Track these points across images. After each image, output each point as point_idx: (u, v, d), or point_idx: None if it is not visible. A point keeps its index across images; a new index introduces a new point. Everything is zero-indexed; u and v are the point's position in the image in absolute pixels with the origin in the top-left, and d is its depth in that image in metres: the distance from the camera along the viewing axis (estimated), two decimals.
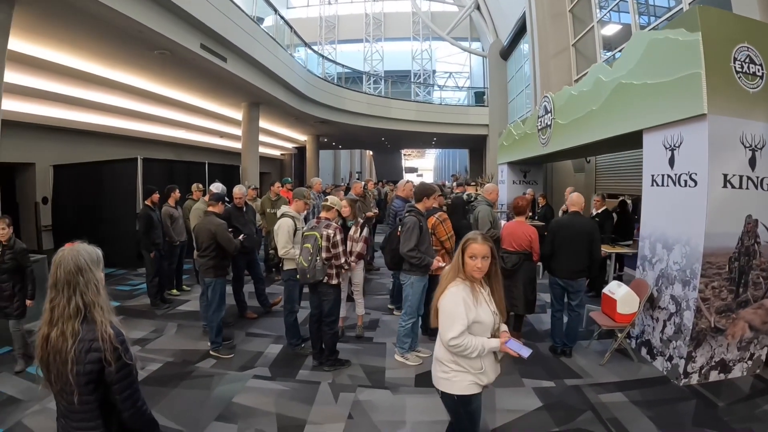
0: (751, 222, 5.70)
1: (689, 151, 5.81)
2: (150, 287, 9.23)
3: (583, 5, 15.03)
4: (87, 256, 2.50)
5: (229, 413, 5.24)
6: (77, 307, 2.39)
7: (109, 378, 2.37)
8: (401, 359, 6.64)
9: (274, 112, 21.57)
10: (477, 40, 36.42)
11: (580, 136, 9.03)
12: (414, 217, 6.34)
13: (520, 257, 6.89)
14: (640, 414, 5.19)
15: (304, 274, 6.12)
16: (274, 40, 17.35)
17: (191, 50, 11.79)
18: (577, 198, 6.98)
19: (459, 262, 3.49)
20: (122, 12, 9.02)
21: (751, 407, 5.32)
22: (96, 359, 2.34)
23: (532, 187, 15.15)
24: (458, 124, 30.26)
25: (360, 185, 12.47)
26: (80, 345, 2.34)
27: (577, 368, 6.42)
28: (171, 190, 9.84)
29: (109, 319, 2.44)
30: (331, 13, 43.76)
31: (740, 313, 5.87)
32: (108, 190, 13.30)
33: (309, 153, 31.53)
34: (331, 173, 47.22)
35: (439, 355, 3.56)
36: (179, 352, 7.01)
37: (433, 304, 3.52)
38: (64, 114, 14.68)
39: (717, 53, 5.51)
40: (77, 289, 2.40)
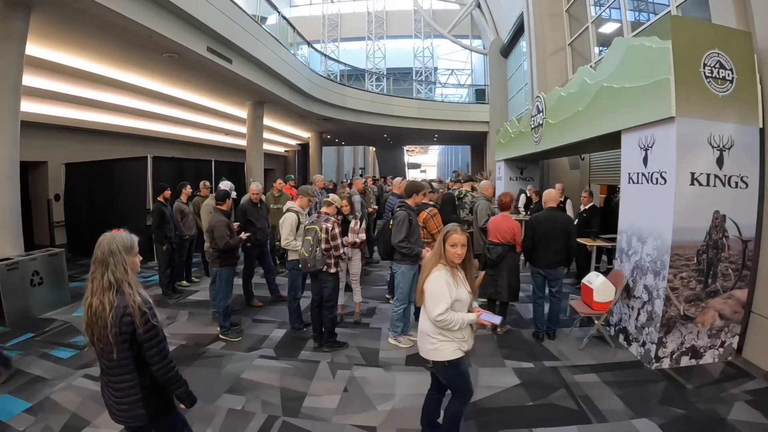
0: (719, 217, 6.09)
1: (660, 151, 6.21)
2: (162, 278, 9.72)
3: (580, 5, 15.24)
4: (120, 241, 3.09)
5: (238, 387, 5.81)
6: (109, 281, 2.98)
7: (140, 338, 2.95)
8: (394, 342, 7.17)
9: (279, 111, 21.85)
10: (478, 38, 36.48)
11: (568, 135, 9.37)
12: (404, 211, 6.92)
13: (504, 248, 7.38)
14: (610, 393, 5.61)
15: (305, 264, 6.63)
16: (278, 41, 17.65)
17: (198, 53, 12.17)
18: (554, 194, 7.50)
19: (441, 249, 4.08)
20: (133, 18, 9.43)
21: (718, 390, 5.67)
22: (129, 322, 2.94)
23: (528, 183, 15.48)
24: (459, 121, 30.46)
25: (361, 181, 12.93)
26: (116, 311, 2.92)
27: (556, 352, 6.87)
28: (182, 186, 10.30)
29: (137, 291, 3.01)
30: (333, 11, 43.77)
31: (710, 302, 6.26)
32: (118, 187, 13.57)
33: (312, 150, 31.72)
34: (335, 169, 47.32)
35: (426, 330, 4.13)
36: (191, 336, 7.54)
37: (417, 287, 4.09)
38: (76, 114, 14.99)
39: (687, 59, 5.88)
40: (109, 268, 3.00)
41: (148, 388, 3.11)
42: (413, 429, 4.94)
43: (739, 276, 6.36)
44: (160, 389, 3.21)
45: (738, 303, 6.41)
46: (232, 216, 8.62)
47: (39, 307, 8.58)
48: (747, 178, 6.19)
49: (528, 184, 15.39)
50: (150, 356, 3.03)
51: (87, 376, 5.98)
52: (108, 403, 3.16)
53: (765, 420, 5.00)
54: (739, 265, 6.33)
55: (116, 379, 3.06)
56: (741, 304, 6.42)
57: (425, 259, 4.34)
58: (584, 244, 9.46)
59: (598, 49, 14.23)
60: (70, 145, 15.45)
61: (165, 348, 3.11)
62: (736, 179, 6.14)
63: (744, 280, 6.40)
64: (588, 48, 14.70)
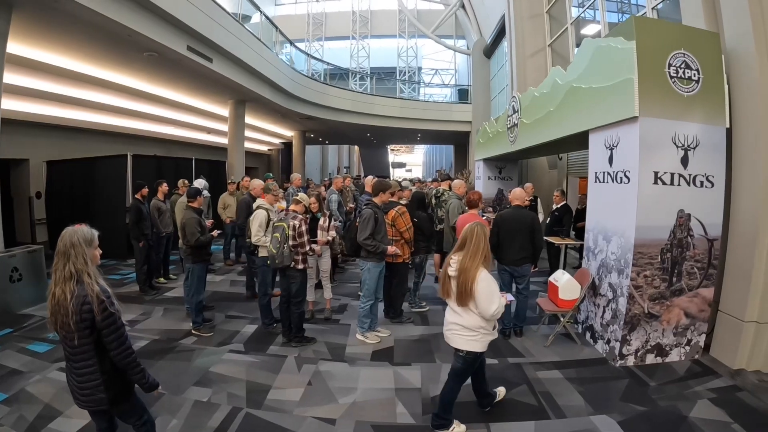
0: (684, 216, 6.14)
1: (624, 150, 6.27)
2: (139, 274, 9.77)
3: (560, 7, 15.30)
4: (81, 235, 3.27)
5: (205, 380, 5.91)
6: (70, 272, 3.16)
7: (98, 325, 3.11)
8: (361, 338, 7.26)
9: (261, 109, 21.85)
10: (462, 38, 36.68)
11: (540, 135, 9.41)
12: (370, 209, 7.00)
13: None
14: (572, 389, 5.67)
15: (273, 260, 6.70)
16: (260, 41, 17.63)
17: (178, 52, 12.16)
18: (519, 193, 7.58)
19: (484, 251, 4.50)
20: (113, 18, 9.43)
21: (682, 388, 5.73)
22: (88, 310, 3.12)
23: (506, 182, 15.55)
24: (442, 120, 30.58)
25: (340, 180, 12.97)
26: (77, 300, 3.10)
27: (522, 348, 6.94)
28: (159, 184, 10.37)
29: (96, 281, 3.18)
30: (318, 10, 43.80)
31: (675, 300, 6.32)
32: (99, 185, 13.61)
33: (295, 149, 31.67)
34: (319, 168, 47.34)
35: (468, 324, 4.51)
36: (164, 331, 7.64)
37: (464, 289, 4.40)
38: (57, 112, 14.94)
39: (651, 60, 5.94)
40: (70, 259, 3.17)
41: (108, 373, 3.27)
42: (372, 422, 5.03)
43: (705, 275, 6.41)
44: (120, 374, 3.37)
45: (704, 301, 6.46)
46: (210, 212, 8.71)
47: (18, 303, 8.64)
48: (713, 177, 6.25)
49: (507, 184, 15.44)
50: (108, 342, 3.21)
51: (62, 369, 5.98)
52: (72, 388, 3.33)
53: (727, 418, 5.03)
54: (705, 263, 6.38)
55: (78, 365, 3.23)
56: (707, 302, 6.47)
57: (464, 263, 4.45)
58: (554, 242, 9.53)
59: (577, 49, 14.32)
60: (51, 142, 15.41)
61: (123, 334, 3.29)
62: (701, 179, 6.20)
63: (710, 279, 6.45)
64: (567, 49, 14.77)
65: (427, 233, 8.51)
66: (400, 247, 7.56)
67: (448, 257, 4.70)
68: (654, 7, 9.46)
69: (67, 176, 14.41)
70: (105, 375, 3.25)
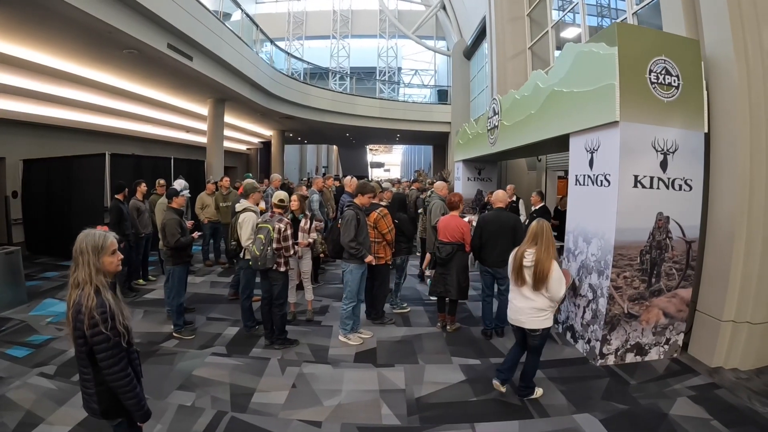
0: (662, 219, 6.27)
1: (605, 154, 6.38)
2: (119, 276, 9.48)
3: (541, 10, 15.40)
4: (91, 241, 3.09)
5: (188, 384, 5.83)
6: (76, 280, 3.03)
7: (88, 341, 2.96)
8: (344, 339, 7.27)
9: (240, 108, 21.78)
10: (442, 39, 36.79)
11: (521, 137, 9.50)
12: (352, 210, 7.04)
13: (453, 247, 7.52)
14: (554, 388, 5.77)
15: (255, 261, 6.68)
16: (240, 39, 17.58)
17: (158, 50, 12.08)
18: (502, 195, 7.67)
19: (552, 244, 5.23)
20: (92, 14, 9.32)
21: (662, 386, 5.85)
22: (81, 320, 2.94)
23: (486, 183, 15.65)
24: (422, 121, 30.68)
25: (321, 180, 12.99)
26: (74, 308, 2.97)
27: (503, 349, 7.01)
28: (138, 184, 10.25)
29: (95, 294, 3.01)
30: (299, 9, 43.71)
31: (654, 301, 6.46)
32: (77, 184, 13.39)
33: (274, 148, 31.64)
34: (297, 168, 47.22)
35: (541, 306, 5.23)
36: (145, 334, 7.48)
37: (542, 276, 5.13)
38: (35, 109, 14.67)
39: (633, 66, 6.04)
40: (78, 267, 3.04)
41: (102, 385, 3.09)
42: (357, 423, 5.05)
43: (683, 275, 6.55)
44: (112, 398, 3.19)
45: (682, 302, 6.61)
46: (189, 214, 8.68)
47: None
48: (691, 181, 6.39)
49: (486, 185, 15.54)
50: (99, 360, 3.00)
51: (42, 375, 5.95)
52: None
53: (707, 415, 5.15)
54: (683, 265, 6.52)
55: (79, 370, 3.14)
56: (685, 302, 6.62)
57: (537, 253, 5.18)
58: None
59: (558, 53, 14.42)
60: (28, 141, 15.12)
61: (116, 355, 3.02)
62: (680, 182, 6.33)
63: (688, 280, 6.59)
64: (547, 52, 14.90)
65: (408, 234, 8.58)
66: (381, 249, 7.65)
67: (521, 251, 5.33)
68: (634, 12, 9.59)
69: (44, 175, 14.19)
70: (99, 387, 3.08)
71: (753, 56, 6.10)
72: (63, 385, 5.64)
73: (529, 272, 5.21)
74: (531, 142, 9.04)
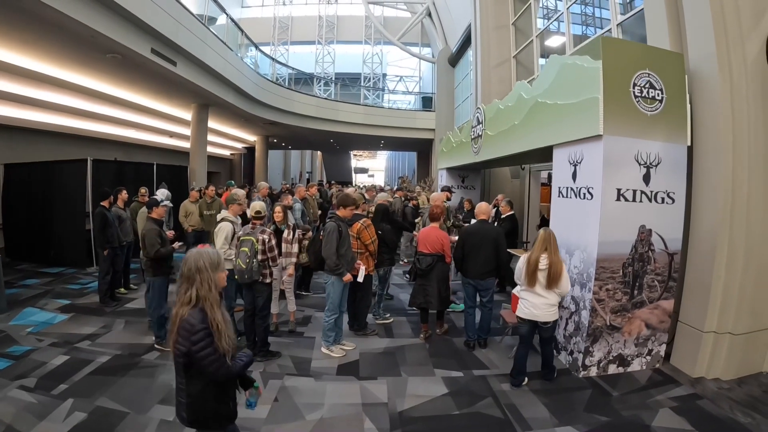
0: (645, 231, 6.32)
1: (588, 167, 6.41)
2: (101, 284, 9.46)
3: (526, 19, 15.44)
4: (207, 258, 3.24)
5: (170, 397, 5.55)
6: (190, 297, 3.16)
7: (191, 356, 3.12)
8: (326, 351, 7.22)
9: (224, 114, 21.73)
10: (427, 46, 36.93)
11: (504, 147, 9.50)
12: (334, 222, 7.02)
13: (433, 258, 7.60)
14: (537, 401, 5.77)
15: (242, 275, 6.60)
16: (225, 44, 17.55)
17: (142, 55, 12.04)
18: (485, 207, 7.75)
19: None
20: (74, 17, 9.26)
21: (644, 397, 5.87)
22: (186, 338, 3.10)
23: (469, 191, 15.67)
24: (406, 128, 30.72)
25: (303, 189, 12.93)
26: (183, 325, 3.12)
27: (486, 360, 7.03)
28: (119, 191, 10.14)
29: (217, 309, 3.20)
30: (285, 13, 43.76)
31: (636, 312, 6.49)
32: (58, 189, 13.18)
33: (258, 153, 31.58)
34: (281, 173, 47.15)
35: (554, 302, 5.94)
36: (126, 345, 7.38)
37: (557, 276, 5.81)
38: (15, 113, 14.59)
39: (617, 79, 6.07)
40: (194, 284, 3.16)
41: (193, 396, 3.26)
42: None
43: (666, 287, 6.60)
44: (210, 404, 3.34)
45: (664, 313, 6.65)
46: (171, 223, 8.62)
47: None
48: (673, 194, 6.44)
49: (469, 193, 15.59)
50: (204, 373, 3.18)
51: (22, 387, 5.81)
52: None
53: (689, 426, 5.18)
54: (665, 276, 6.57)
55: (176, 379, 3.30)
56: (668, 313, 6.66)
57: (550, 257, 5.82)
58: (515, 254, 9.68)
59: (544, 61, 14.48)
60: (9, 144, 14.95)
61: (218, 369, 3.17)
62: (662, 195, 6.38)
63: (670, 291, 6.64)
64: (532, 61, 14.92)
65: (390, 245, 8.57)
66: (364, 260, 7.62)
67: (536, 257, 5.86)
68: (619, 23, 9.64)
69: (25, 180, 13.99)
70: (190, 398, 3.26)
71: (737, 70, 6.16)
72: (44, 399, 5.54)
73: (543, 274, 5.81)
74: (515, 152, 9.06)
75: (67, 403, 5.42)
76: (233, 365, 3.25)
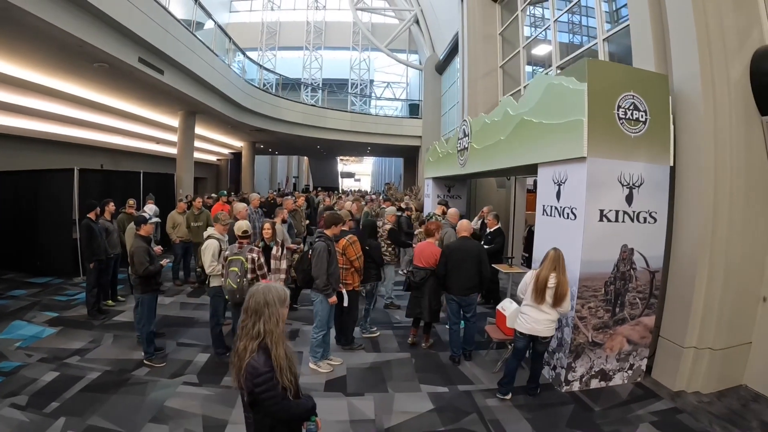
0: (627, 251, 6.45)
1: (572, 187, 6.52)
2: (89, 297, 9.40)
3: (513, 29, 15.52)
4: (276, 293, 3.19)
5: (161, 416, 5.74)
6: (258, 331, 3.10)
7: (253, 396, 3.09)
8: (314, 367, 7.26)
9: (211, 121, 21.77)
10: (415, 53, 37.02)
11: (490, 162, 9.65)
12: (323, 242, 7.08)
13: (427, 272, 7.77)
14: (520, 416, 5.86)
15: (233, 295, 6.68)
16: (212, 51, 17.59)
17: (130, 64, 12.06)
18: (466, 225, 7.81)
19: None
20: (64, 28, 9.33)
21: (625, 412, 5.99)
22: (254, 375, 3.04)
23: (455, 201, 15.69)
24: (392, 135, 30.92)
25: (291, 202, 12.91)
26: (249, 363, 3.04)
27: (471, 375, 7.10)
28: (106, 203, 10.06)
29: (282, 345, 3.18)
30: (273, 19, 43.74)
31: (618, 329, 6.62)
32: (44, 199, 13.07)
33: (245, 159, 31.62)
34: (268, 178, 47.08)
35: (553, 318, 6.07)
36: (116, 361, 7.34)
37: (563, 295, 5.95)
38: (2, 120, 14.57)
39: (602, 102, 6.19)
40: (261, 318, 3.11)
41: (266, 429, 3.24)
42: None
43: (647, 304, 6.74)
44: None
45: (646, 329, 6.80)
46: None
47: None
48: (656, 213, 6.58)
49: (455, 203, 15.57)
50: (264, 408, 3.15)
51: (14, 406, 5.78)
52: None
53: None
54: (647, 294, 6.71)
55: (245, 413, 3.26)
56: (649, 329, 6.81)
57: (557, 276, 5.95)
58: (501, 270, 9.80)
59: (531, 69, 14.61)
60: None
61: (278, 404, 3.15)
62: (644, 215, 6.52)
63: (652, 308, 6.79)
64: (519, 71, 15.05)
65: (378, 261, 8.65)
66: (350, 276, 7.68)
67: (546, 275, 5.97)
68: (605, 38, 9.76)
69: (11, 188, 13.82)
70: (264, 429, 3.23)
71: (720, 91, 6.31)
72: (36, 418, 5.53)
73: (550, 293, 5.94)
74: (500, 168, 9.20)
75: (60, 422, 5.41)
76: (296, 404, 3.25)
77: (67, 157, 16.58)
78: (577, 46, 12.06)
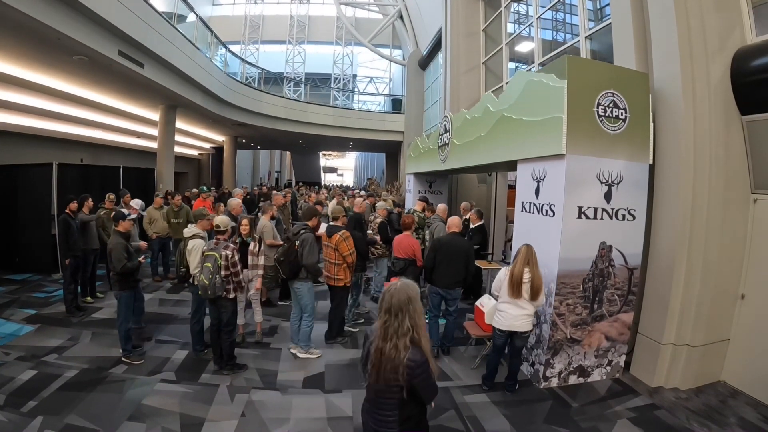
0: (605, 248, 6.47)
1: (550, 184, 6.52)
2: (66, 294, 9.28)
3: (496, 26, 15.52)
4: (414, 290, 3.31)
5: (139, 414, 5.69)
6: (408, 327, 3.19)
7: (413, 384, 3.19)
8: (306, 355, 7.44)
9: (192, 115, 21.62)
10: (398, 48, 36.88)
11: (470, 158, 9.64)
12: (309, 233, 7.17)
13: (406, 263, 8.17)
14: (498, 413, 5.88)
15: (205, 290, 6.59)
16: (193, 45, 17.44)
17: (109, 57, 11.91)
18: (456, 220, 7.79)
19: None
20: (42, 20, 9.16)
21: (603, 408, 6.03)
22: (411, 369, 3.15)
23: (437, 196, 15.71)
24: (375, 130, 30.91)
25: (281, 197, 12.81)
26: (406, 363, 3.14)
27: (450, 371, 7.10)
28: (84, 199, 9.90)
29: (419, 342, 3.25)
30: (256, 12, 43.58)
31: (596, 326, 6.66)
32: (22, 195, 12.89)
33: (226, 154, 31.50)
34: (250, 172, 46.96)
35: (530, 312, 6.15)
36: (94, 359, 7.26)
37: (539, 288, 6.03)
38: None
39: (581, 99, 6.19)
40: (407, 314, 3.20)
41: (411, 418, 3.34)
42: None
43: (625, 301, 6.78)
44: (423, 418, 3.46)
45: (624, 325, 6.85)
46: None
47: None
48: (634, 210, 6.61)
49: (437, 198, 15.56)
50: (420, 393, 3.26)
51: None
52: (366, 427, 3.51)
53: None
54: (625, 291, 6.74)
55: (382, 413, 3.33)
56: (627, 326, 6.86)
57: (532, 271, 6.03)
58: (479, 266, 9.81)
59: (514, 66, 14.61)
60: None
61: (435, 386, 3.33)
62: (623, 212, 6.54)
63: (630, 305, 6.83)
64: (501, 67, 15.03)
65: (362, 253, 8.64)
66: (342, 271, 7.67)
67: (519, 270, 6.05)
68: (587, 36, 9.77)
69: None
70: (400, 426, 3.31)
71: (700, 91, 6.36)
72: (14, 417, 5.47)
73: (526, 287, 6.00)
74: (480, 164, 9.21)
75: (37, 421, 5.36)
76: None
77: (46, 151, 16.37)
78: (560, 43, 12.03)
